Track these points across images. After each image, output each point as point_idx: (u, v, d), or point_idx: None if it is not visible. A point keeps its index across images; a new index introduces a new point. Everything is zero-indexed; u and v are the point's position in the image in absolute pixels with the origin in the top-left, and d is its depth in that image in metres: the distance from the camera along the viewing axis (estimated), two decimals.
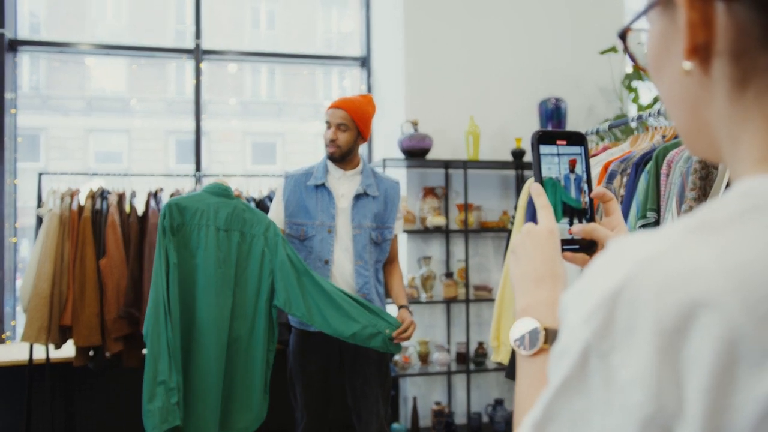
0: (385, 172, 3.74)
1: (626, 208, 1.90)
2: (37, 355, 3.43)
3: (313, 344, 2.51)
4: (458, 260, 4.09)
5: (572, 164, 0.81)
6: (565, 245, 0.78)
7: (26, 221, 4.25)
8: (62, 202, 3.39)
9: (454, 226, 4.09)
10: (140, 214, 3.51)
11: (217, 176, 3.66)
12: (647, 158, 1.91)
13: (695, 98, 0.47)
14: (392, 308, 2.80)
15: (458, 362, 3.99)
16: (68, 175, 3.62)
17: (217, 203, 2.30)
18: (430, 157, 3.99)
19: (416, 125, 3.92)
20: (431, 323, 4.11)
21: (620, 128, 2.72)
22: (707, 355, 0.35)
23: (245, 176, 3.99)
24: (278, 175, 3.83)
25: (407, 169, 4.11)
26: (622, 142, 2.46)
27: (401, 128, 3.96)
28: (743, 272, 0.36)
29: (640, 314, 0.38)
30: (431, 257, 3.98)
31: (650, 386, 0.37)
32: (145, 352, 2.26)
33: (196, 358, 2.23)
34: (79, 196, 3.46)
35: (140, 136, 6.35)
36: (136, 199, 3.55)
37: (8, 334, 3.94)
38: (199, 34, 4.27)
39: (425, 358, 3.93)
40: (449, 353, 3.98)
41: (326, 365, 2.52)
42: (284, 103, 6.13)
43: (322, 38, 5.87)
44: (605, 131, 2.50)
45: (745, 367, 0.35)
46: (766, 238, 0.37)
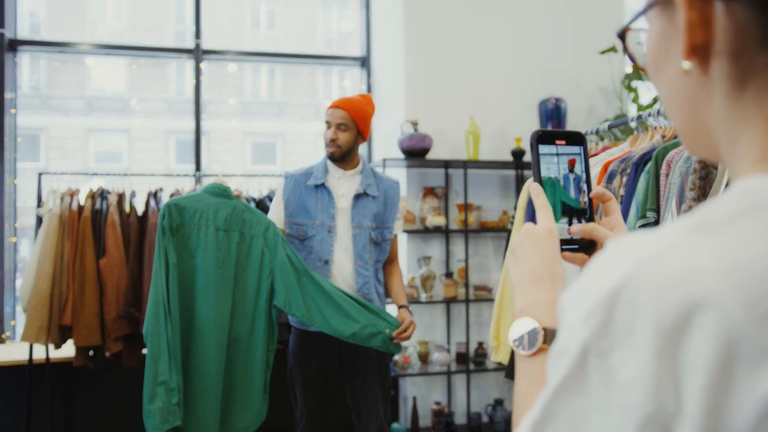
0: (385, 172, 3.74)
1: (626, 208, 1.90)
2: (36, 354, 3.43)
3: (312, 344, 2.51)
4: (458, 260, 4.09)
5: (571, 164, 0.81)
6: (564, 245, 0.78)
7: (26, 221, 4.25)
8: (62, 202, 3.39)
9: (454, 226, 4.09)
10: (140, 214, 3.51)
11: (216, 176, 3.66)
12: (647, 158, 1.91)
13: (694, 98, 0.47)
14: (392, 308, 2.80)
15: (458, 362, 3.99)
16: (68, 175, 3.62)
17: (216, 203, 2.30)
18: (430, 157, 3.99)
19: (416, 125, 3.92)
20: (431, 323, 4.11)
21: (620, 128, 2.72)
22: (706, 354, 0.35)
23: (245, 176, 3.99)
24: (278, 175, 3.83)
25: (407, 169, 4.11)
26: (621, 142, 2.46)
27: (401, 128, 3.96)
28: (742, 272, 0.36)
29: (639, 314, 0.38)
30: (431, 257, 3.98)
31: (649, 386, 0.37)
32: (144, 352, 2.26)
33: (195, 358, 2.23)
34: (79, 196, 3.45)
35: (140, 136, 6.34)
36: (135, 199, 3.55)
37: (8, 334, 3.94)
38: (199, 34, 4.27)
39: (425, 358, 3.93)
40: (449, 353, 3.98)
41: (326, 365, 2.52)
42: (284, 103, 6.13)
43: (322, 38, 5.87)
44: (605, 131, 2.50)
45: (744, 366, 0.35)
46: (765, 237, 0.37)
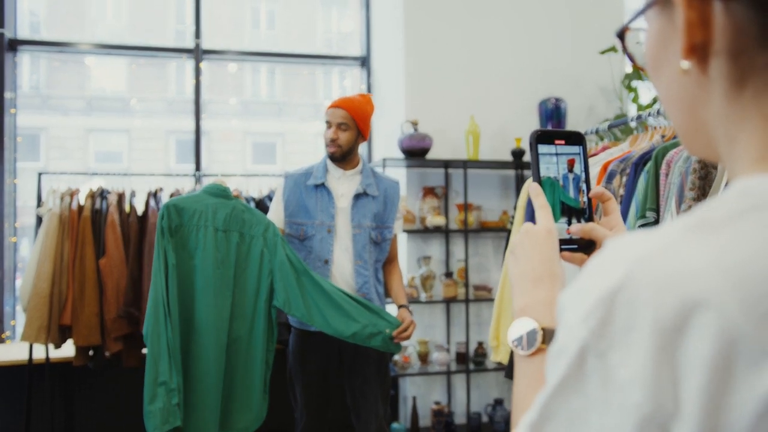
0: (385, 171, 3.73)
1: (625, 207, 1.90)
2: (36, 354, 3.43)
3: (312, 344, 2.51)
4: (458, 260, 4.09)
5: (571, 164, 0.81)
6: (563, 245, 0.78)
7: (26, 221, 4.25)
8: (62, 201, 3.39)
9: (453, 225, 4.09)
10: (140, 213, 3.50)
11: (216, 176, 3.66)
12: (646, 158, 1.91)
13: (693, 97, 0.47)
14: (392, 308, 2.80)
15: (458, 362, 3.99)
16: (68, 174, 3.62)
17: (215, 204, 2.30)
18: (430, 156, 3.99)
19: (416, 125, 3.92)
20: (431, 323, 4.10)
21: (620, 128, 2.71)
22: (705, 353, 0.35)
23: (245, 176, 4.00)
24: (278, 175, 3.82)
25: (407, 168, 4.11)
26: (621, 141, 2.46)
27: (401, 128, 3.96)
28: (741, 271, 0.36)
29: (638, 313, 0.38)
30: (431, 257, 3.98)
31: (648, 385, 0.37)
32: (144, 351, 2.26)
33: (195, 358, 2.23)
34: (78, 195, 3.45)
35: (140, 135, 6.35)
36: (135, 198, 3.55)
37: (8, 333, 3.94)
38: (199, 33, 4.27)
39: (425, 357, 3.93)
40: (449, 353, 3.98)
41: (326, 365, 2.52)
42: (284, 103, 6.13)
43: (322, 38, 5.87)
44: (605, 131, 2.50)
45: (743, 365, 0.35)
46: (764, 237, 0.37)
